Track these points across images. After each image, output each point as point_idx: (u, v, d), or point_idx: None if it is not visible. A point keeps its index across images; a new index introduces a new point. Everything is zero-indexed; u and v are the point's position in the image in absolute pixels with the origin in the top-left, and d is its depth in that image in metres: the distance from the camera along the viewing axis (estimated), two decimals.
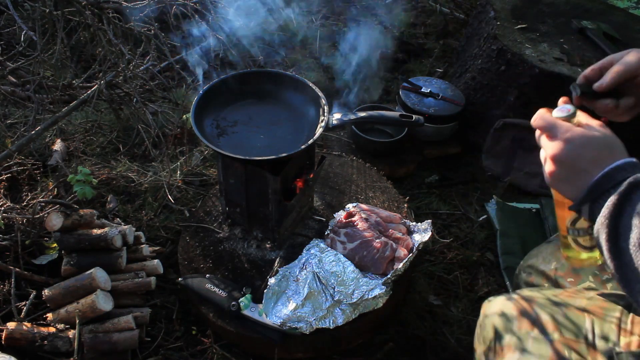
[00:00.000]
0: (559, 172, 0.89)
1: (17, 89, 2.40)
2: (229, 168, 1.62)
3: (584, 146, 0.86)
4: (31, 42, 2.14)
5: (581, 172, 0.85)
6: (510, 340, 1.08)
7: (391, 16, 3.42)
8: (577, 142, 0.87)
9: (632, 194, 0.78)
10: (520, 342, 1.07)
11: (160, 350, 1.64)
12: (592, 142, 0.86)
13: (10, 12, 1.74)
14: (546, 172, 0.92)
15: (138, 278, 1.68)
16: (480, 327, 1.19)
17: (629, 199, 0.78)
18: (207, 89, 1.63)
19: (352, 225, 1.71)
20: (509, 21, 2.52)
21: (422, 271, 1.96)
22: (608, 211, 0.79)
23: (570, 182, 0.88)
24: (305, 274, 1.59)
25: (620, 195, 0.78)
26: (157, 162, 2.24)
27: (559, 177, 0.90)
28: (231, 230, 1.81)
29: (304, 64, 2.99)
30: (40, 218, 1.77)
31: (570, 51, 2.36)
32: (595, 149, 0.85)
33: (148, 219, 2.00)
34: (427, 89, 2.50)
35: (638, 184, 0.78)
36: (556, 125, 0.90)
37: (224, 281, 1.64)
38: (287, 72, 1.73)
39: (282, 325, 1.51)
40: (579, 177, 0.86)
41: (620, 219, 0.78)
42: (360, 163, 2.14)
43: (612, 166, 0.82)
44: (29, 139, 2.03)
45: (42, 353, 1.53)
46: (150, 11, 1.91)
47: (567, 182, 0.89)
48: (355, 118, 1.63)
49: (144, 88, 2.51)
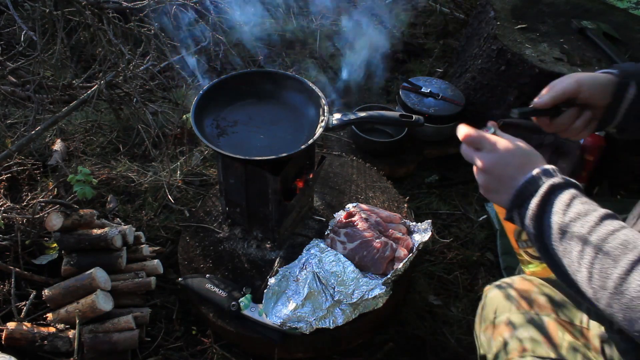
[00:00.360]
0: (489, 182, 0.94)
1: (17, 89, 2.40)
2: (229, 168, 1.62)
3: (510, 155, 0.92)
4: (31, 42, 2.14)
5: (508, 179, 0.91)
6: (507, 318, 1.17)
7: (391, 16, 3.42)
8: (503, 151, 0.92)
9: (551, 194, 0.85)
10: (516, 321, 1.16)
11: (160, 350, 1.64)
12: (517, 151, 0.92)
13: (10, 12, 1.74)
14: (479, 184, 0.97)
15: (138, 278, 1.68)
16: (481, 308, 1.28)
17: (548, 200, 0.85)
18: (207, 89, 1.63)
19: (352, 225, 1.71)
20: (509, 21, 2.52)
21: (422, 271, 1.96)
22: (532, 212, 0.86)
23: (500, 192, 0.93)
24: (305, 274, 1.59)
25: (541, 197, 0.85)
26: (157, 162, 2.24)
27: (489, 188, 0.95)
28: (231, 230, 1.81)
29: (304, 64, 3.00)
30: (40, 218, 1.77)
31: (570, 51, 2.36)
32: (520, 156, 0.92)
33: (148, 219, 2.00)
34: (427, 89, 2.50)
35: (556, 186, 0.85)
36: (483, 138, 0.95)
37: (224, 281, 1.64)
38: (287, 72, 1.73)
39: (282, 325, 1.51)
40: (508, 185, 0.91)
41: (542, 219, 0.85)
42: (360, 163, 2.14)
43: (533, 172, 0.88)
44: (29, 139, 2.02)
45: (42, 353, 1.53)
46: (151, 11, 1.91)
47: (497, 192, 0.94)
48: (355, 118, 1.63)
49: (144, 88, 2.51)
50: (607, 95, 1.03)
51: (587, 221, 0.81)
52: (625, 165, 2.26)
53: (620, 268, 0.75)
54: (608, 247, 0.77)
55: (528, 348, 1.08)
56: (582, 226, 0.81)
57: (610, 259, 0.77)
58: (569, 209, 0.83)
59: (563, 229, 0.82)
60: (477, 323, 1.28)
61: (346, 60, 2.96)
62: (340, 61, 3.00)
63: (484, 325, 1.22)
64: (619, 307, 0.75)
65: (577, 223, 0.81)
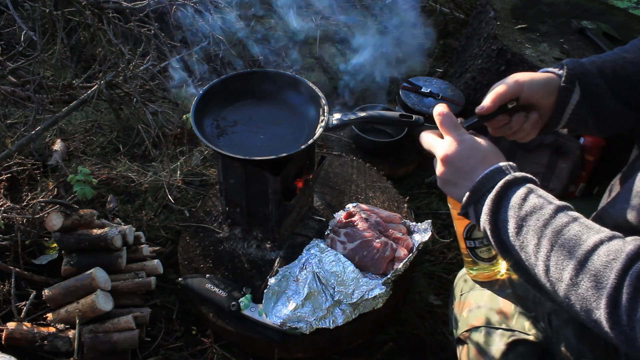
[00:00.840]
0: (448, 174, 0.94)
1: (17, 89, 2.40)
2: (229, 168, 1.62)
3: (472, 148, 0.92)
4: (31, 42, 2.14)
5: (467, 173, 0.91)
6: (472, 295, 1.24)
7: (391, 16, 3.42)
8: (468, 143, 0.93)
9: (508, 190, 0.86)
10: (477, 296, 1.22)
11: (160, 350, 1.64)
12: (480, 146, 0.93)
13: (10, 12, 1.74)
14: (437, 173, 0.96)
15: (138, 278, 1.68)
16: (453, 288, 1.35)
17: (505, 195, 0.86)
18: (207, 89, 1.63)
19: (352, 225, 1.71)
20: (509, 21, 2.52)
21: (422, 271, 1.96)
22: (488, 208, 0.86)
23: (458, 184, 0.93)
24: (305, 274, 1.59)
25: (498, 191, 0.86)
26: (157, 162, 2.24)
27: (447, 180, 0.95)
28: (231, 230, 1.81)
29: (304, 64, 3.00)
30: (40, 218, 1.77)
31: (570, 51, 2.36)
32: (482, 151, 0.92)
33: (148, 219, 2.00)
34: (427, 89, 2.50)
35: (513, 181, 0.86)
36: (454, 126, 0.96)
37: (224, 281, 1.64)
38: (287, 72, 1.73)
39: (282, 325, 1.51)
40: (466, 178, 0.91)
41: (499, 214, 0.86)
42: (360, 163, 2.14)
43: (492, 168, 0.89)
44: (29, 139, 2.02)
45: (42, 353, 1.53)
46: (151, 11, 1.91)
47: (455, 185, 0.94)
48: (355, 118, 1.62)
49: (144, 88, 2.51)
50: (548, 95, 1.03)
51: (542, 214, 0.81)
52: (625, 165, 2.26)
53: (575, 259, 0.75)
54: (563, 239, 0.78)
55: (483, 320, 1.16)
56: (538, 219, 0.81)
57: (565, 251, 0.77)
58: (525, 203, 0.83)
59: (519, 224, 0.82)
60: (449, 303, 1.35)
61: (346, 60, 2.96)
62: (340, 61, 3.00)
63: (453, 303, 1.29)
64: (575, 298, 0.75)
65: (533, 217, 0.81)
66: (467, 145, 0.93)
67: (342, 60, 3.00)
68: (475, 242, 1.10)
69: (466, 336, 1.19)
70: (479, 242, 1.10)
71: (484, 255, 1.11)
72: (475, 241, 1.10)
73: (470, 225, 1.08)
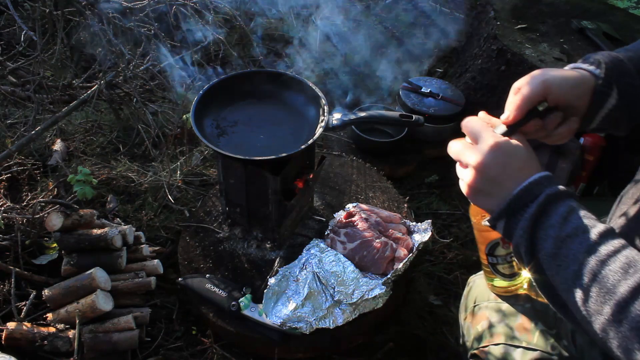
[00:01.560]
0: (480, 183, 0.86)
1: (17, 89, 2.40)
2: (229, 168, 1.62)
3: (510, 156, 0.84)
4: (31, 42, 2.14)
5: (506, 181, 0.83)
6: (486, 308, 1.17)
7: (391, 16, 3.42)
8: (506, 148, 0.84)
9: (548, 206, 0.80)
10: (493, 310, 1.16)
11: (160, 350, 1.64)
12: (518, 153, 0.85)
13: (10, 12, 1.74)
14: (466, 182, 0.88)
15: (138, 278, 1.68)
16: (464, 297, 1.29)
17: (544, 212, 0.80)
18: (207, 89, 1.63)
19: (352, 225, 1.71)
20: (509, 21, 2.52)
21: (422, 271, 1.96)
22: (527, 224, 0.80)
23: (492, 194, 0.85)
24: (305, 274, 1.59)
25: (538, 207, 0.80)
26: (157, 162, 2.24)
27: (478, 189, 0.87)
28: (231, 230, 1.81)
29: (304, 64, 2.99)
30: (40, 218, 1.77)
31: (570, 51, 2.36)
32: (520, 159, 0.84)
33: (148, 219, 2.00)
34: (427, 89, 2.50)
35: (554, 196, 0.80)
36: (487, 131, 0.87)
37: (224, 281, 1.64)
38: (287, 72, 1.73)
39: (282, 325, 1.51)
40: (502, 188, 0.84)
41: (536, 231, 0.80)
42: (360, 163, 2.14)
43: (531, 180, 0.82)
44: (29, 139, 2.02)
45: (42, 353, 1.53)
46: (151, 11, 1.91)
47: (488, 195, 0.86)
48: (355, 118, 1.63)
49: (144, 88, 2.51)
50: (580, 96, 0.92)
51: (585, 239, 0.75)
52: (625, 165, 2.26)
53: (620, 294, 0.70)
54: (607, 271, 0.72)
55: (502, 336, 1.09)
56: (580, 244, 0.75)
57: (609, 284, 0.71)
58: (567, 224, 0.78)
59: (558, 245, 0.77)
60: (461, 310, 1.29)
61: (346, 60, 2.96)
62: (341, 61, 3.00)
63: (465, 314, 1.24)
64: (614, 335, 0.71)
65: (575, 240, 0.76)
66: (505, 151, 0.84)
67: (342, 60, 3.00)
68: (497, 259, 1.06)
69: (483, 352, 1.13)
70: (501, 259, 1.06)
71: (506, 271, 1.08)
72: (497, 258, 1.06)
73: (495, 243, 1.04)
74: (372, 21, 3.37)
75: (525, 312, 1.11)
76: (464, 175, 0.89)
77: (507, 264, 1.07)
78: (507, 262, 1.06)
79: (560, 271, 0.77)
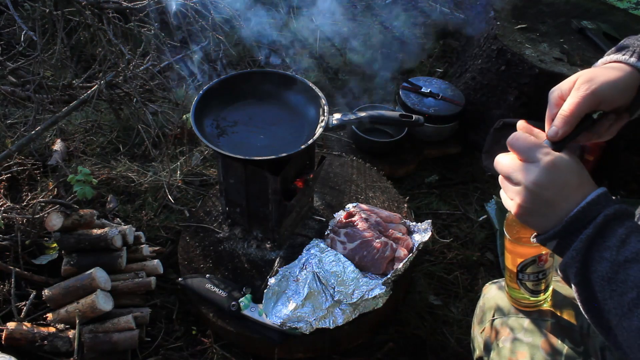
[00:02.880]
0: (535, 203, 0.81)
1: (17, 89, 2.40)
2: (229, 168, 1.62)
3: (567, 172, 0.80)
4: (31, 42, 2.14)
5: (561, 202, 0.79)
6: (507, 322, 1.10)
7: (391, 16, 3.42)
8: (561, 167, 0.79)
9: (606, 227, 0.76)
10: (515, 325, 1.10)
11: (160, 350, 1.64)
12: (573, 169, 0.80)
13: (10, 12, 1.74)
14: (517, 202, 0.82)
15: (138, 278, 1.68)
16: (480, 308, 1.22)
17: (602, 233, 0.76)
18: (207, 89, 1.63)
19: (352, 225, 1.71)
20: (509, 21, 2.52)
21: (422, 271, 1.96)
22: (581, 245, 0.77)
23: (545, 214, 0.81)
24: (305, 274, 1.59)
25: (595, 228, 0.76)
26: (157, 162, 2.24)
27: (531, 209, 0.81)
28: (231, 230, 1.81)
29: (304, 64, 2.99)
30: (40, 218, 1.77)
31: (570, 51, 2.36)
32: (578, 176, 0.80)
33: (148, 219, 2.00)
34: (427, 89, 2.50)
35: (613, 216, 0.76)
36: (541, 148, 0.81)
37: (224, 281, 1.64)
38: (287, 72, 1.73)
39: (282, 325, 1.51)
40: (556, 209, 0.79)
41: (592, 252, 0.77)
42: (360, 163, 2.14)
43: (588, 200, 0.78)
44: (29, 139, 2.02)
45: (42, 353, 1.53)
46: (151, 11, 1.91)
47: (542, 215, 0.81)
48: (355, 118, 1.63)
49: (144, 88, 2.51)
50: (629, 93, 0.88)
51: None
52: (625, 165, 2.26)
53: None
54: None
55: (527, 354, 1.04)
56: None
57: None
58: (625, 247, 0.74)
59: (615, 269, 0.73)
60: (475, 323, 1.23)
61: (346, 60, 2.96)
62: (340, 61, 3.00)
63: (482, 326, 1.18)
64: None
65: (634, 266, 0.72)
66: (561, 170, 0.79)
67: (342, 60, 3.00)
68: (529, 276, 1.03)
69: None
70: (533, 277, 1.03)
71: (533, 287, 1.05)
72: (529, 275, 1.03)
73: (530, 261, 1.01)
74: (373, 21, 3.37)
75: (550, 328, 1.07)
76: (514, 194, 0.83)
77: (538, 281, 1.04)
78: (538, 279, 1.03)
79: (615, 296, 0.74)
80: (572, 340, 1.04)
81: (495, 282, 1.24)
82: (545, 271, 1.03)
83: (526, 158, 0.82)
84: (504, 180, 0.86)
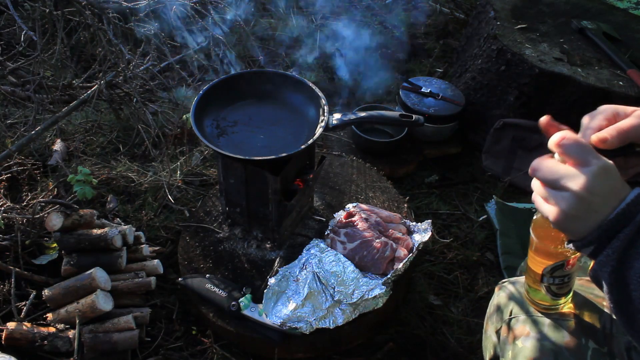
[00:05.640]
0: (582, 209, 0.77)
1: (17, 89, 2.40)
2: (229, 168, 1.62)
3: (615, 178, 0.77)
4: (31, 42, 2.14)
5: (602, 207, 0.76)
6: (526, 321, 1.08)
7: (391, 16, 3.42)
8: (613, 172, 0.77)
9: None
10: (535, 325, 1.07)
11: (160, 350, 1.64)
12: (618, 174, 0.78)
13: (10, 12, 1.74)
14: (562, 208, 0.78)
15: (138, 278, 1.68)
16: (495, 307, 1.18)
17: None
18: (207, 89, 1.63)
19: (352, 225, 1.71)
20: (509, 21, 2.52)
21: (422, 271, 1.96)
22: (619, 243, 0.75)
23: (586, 219, 0.77)
24: (305, 274, 1.59)
25: (635, 226, 0.74)
26: (157, 162, 2.24)
27: (577, 215, 0.78)
28: (231, 230, 1.81)
29: (304, 64, 2.99)
30: (40, 218, 1.77)
31: (570, 51, 2.36)
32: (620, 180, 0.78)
33: (148, 219, 2.00)
34: (427, 89, 2.50)
35: None
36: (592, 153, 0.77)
37: (224, 281, 1.64)
38: (287, 72, 1.73)
39: (282, 325, 1.51)
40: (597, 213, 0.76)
41: (630, 248, 0.74)
42: (360, 163, 2.14)
43: (628, 201, 0.75)
44: (29, 139, 2.03)
45: (42, 353, 1.53)
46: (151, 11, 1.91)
47: (582, 219, 0.78)
48: (355, 118, 1.63)
49: (144, 88, 2.51)
50: None
51: None
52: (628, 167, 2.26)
53: None
54: None
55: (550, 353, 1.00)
56: None
57: None
58: None
59: None
60: (487, 322, 1.20)
61: (346, 60, 2.96)
62: (340, 61, 3.00)
63: (498, 325, 1.15)
64: None
65: None
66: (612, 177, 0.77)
67: (342, 60, 3.00)
68: (555, 279, 1.02)
69: None
70: (559, 280, 1.02)
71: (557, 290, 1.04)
72: (555, 279, 1.01)
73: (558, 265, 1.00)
74: (373, 21, 3.37)
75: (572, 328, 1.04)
76: (558, 200, 0.79)
77: (562, 284, 1.03)
78: (563, 282, 1.02)
79: None
80: (595, 341, 1.01)
81: (509, 281, 1.21)
82: (571, 275, 1.02)
83: (581, 161, 0.78)
84: (543, 186, 0.82)
